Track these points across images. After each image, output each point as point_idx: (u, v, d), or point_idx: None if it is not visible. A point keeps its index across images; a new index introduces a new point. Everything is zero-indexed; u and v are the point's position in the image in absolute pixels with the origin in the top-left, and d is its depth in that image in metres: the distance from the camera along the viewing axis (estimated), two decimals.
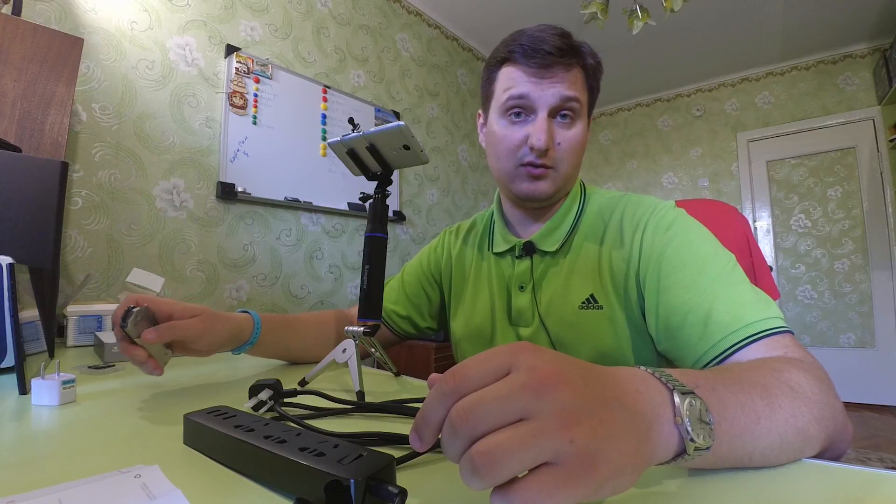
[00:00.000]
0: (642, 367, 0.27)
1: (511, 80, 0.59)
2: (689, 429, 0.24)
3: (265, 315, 0.64)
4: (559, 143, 0.59)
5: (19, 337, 0.51)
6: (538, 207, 0.65)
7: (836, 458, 0.36)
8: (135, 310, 0.46)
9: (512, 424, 0.19)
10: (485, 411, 0.19)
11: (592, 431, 0.20)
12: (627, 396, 0.24)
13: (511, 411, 0.19)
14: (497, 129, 0.62)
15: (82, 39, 1.14)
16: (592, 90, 0.62)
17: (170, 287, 1.53)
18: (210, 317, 0.54)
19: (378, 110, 2.35)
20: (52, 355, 0.71)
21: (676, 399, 0.25)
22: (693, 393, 0.26)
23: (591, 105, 0.64)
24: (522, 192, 0.61)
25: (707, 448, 0.25)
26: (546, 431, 0.19)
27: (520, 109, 0.59)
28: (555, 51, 0.56)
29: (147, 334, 0.47)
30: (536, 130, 0.57)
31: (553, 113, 0.58)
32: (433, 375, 0.24)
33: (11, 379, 0.53)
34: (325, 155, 2.06)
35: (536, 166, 0.59)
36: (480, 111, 0.69)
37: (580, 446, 0.19)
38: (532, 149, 0.58)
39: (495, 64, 0.62)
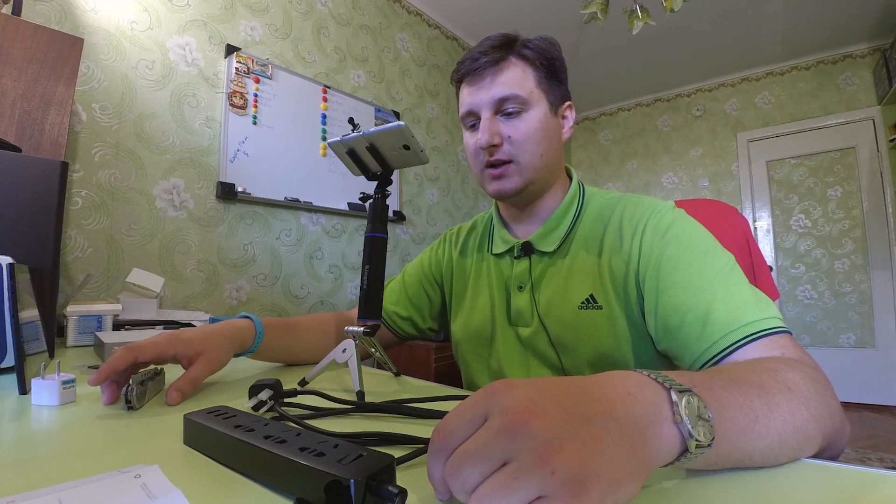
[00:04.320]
0: (638, 370, 0.27)
1: (461, 99, 0.65)
2: (690, 426, 0.24)
3: (266, 320, 0.65)
4: (509, 136, 0.60)
5: (19, 337, 0.51)
6: (522, 203, 0.66)
7: (834, 458, 0.36)
8: (133, 387, 0.44)
9: (498, 470, 0.20)
10: (471, 465, 0.20)
11: (575, 456, 0.20)
12: (617, 404, 0.24)
13: (493, 458, 0.20)
14: (465, 140, 0.66)
15: (82, 39, 1.14)
16: (541, 78, 0.61)
17: (170, 287, 1.53)
18: (214, 347, 0.54)
19: (378, 110, 2.35)
20: (52, 355, 0.71)
21: (674, 397, 0.25)
22: (690, 391, 0.26)
23: (551, 91, 0.62)
24: (491, 192, 0.64)
25: (708, 445, 0.25)
26: (525, 470, 0.19)
27: (472, 120, 0.63)
28: (479, 54, 0.61)
29: (172, 399, 0.46)
30: (480, 131, 0.61)
31: (497, 111, 0.61)
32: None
33: (11, 379, 0.53)
34: (325, 155, 2.06)
35: (494, 165, 0.61)
36: None
37: (564, 475, 0.19)
38: (482, 149, 0.61)
39: (456, 89, 0.68)
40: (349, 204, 2.13)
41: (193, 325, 1.09)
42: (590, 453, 0.20)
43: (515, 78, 0.60)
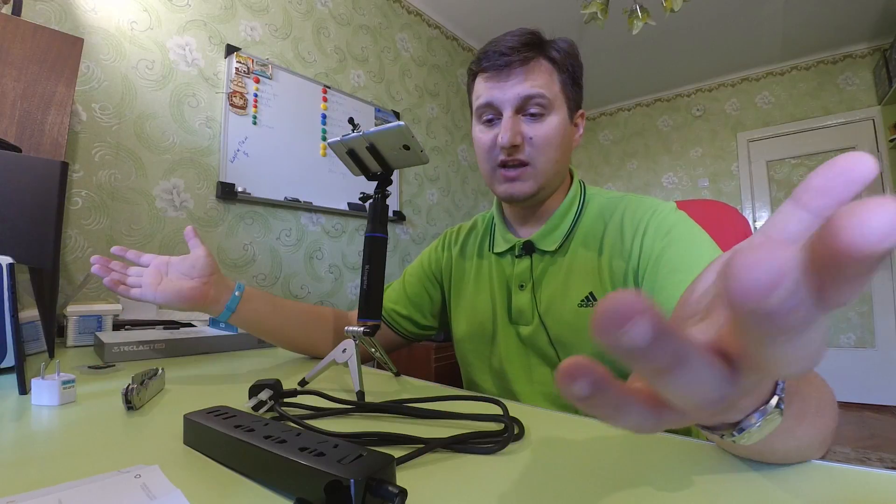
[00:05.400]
0: None
1: (480, 89, 0.62)
2: (749, 430, 0.22)
3: (257, 292, 0.67)
4: (530, 138, 0.59)
5: (19, 337, 0.51)
6: (528, 206, 0.66)
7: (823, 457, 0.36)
8: (133, 387, 0.44)
9: None
10: None
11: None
12: None
13: None
14: (475, 135, 0.64)
15: (82, 39, 1.14)
16: (566, 82, 0.62)
17: None
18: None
19: (378, 110, 2.35)
20: (52, 355, 0.71)
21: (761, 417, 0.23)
22: (780, 412, 0.23)
23: (570, 97, 0.63)
24: (501, 193, 0.62)
25: (740, 441, 0.23)
26: None
27: (490, 114, 0.61)
28: (510, 50, 0.58)
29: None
30: (501, 129, 0.59)
31: (520, 110, 0.59)
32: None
33: (11, 379, 0.53)
34: (325, 155, 2.06)
35: (510, 166, 0.60)
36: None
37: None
38: (501, 147, 0.59)
39: (470, 77, 0.66)
40: (349, 204, 2.14)
41: (194, 326, 1.09)
42: None
43: (543, 79, 0.59)
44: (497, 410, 0.42)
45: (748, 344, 0.13)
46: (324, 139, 2.06)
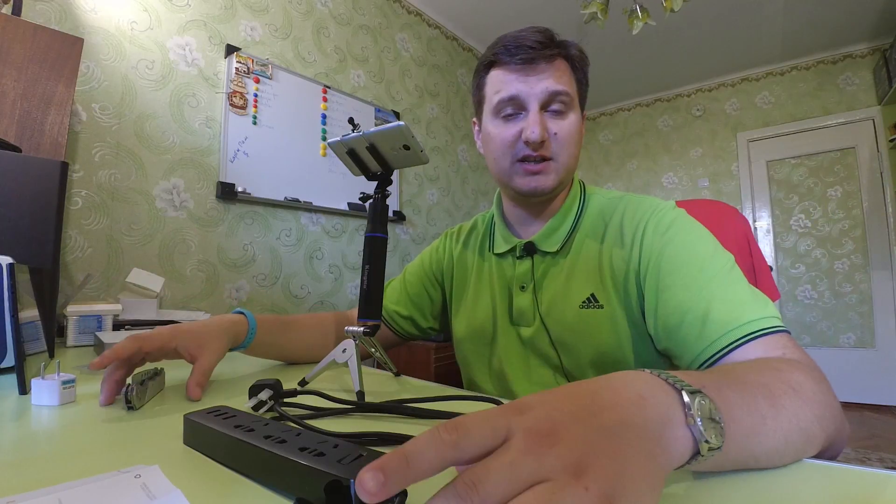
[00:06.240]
0: (646, 370, 0.27)
1: (500, 83, 0.60)
2: (702, 428, 0.24)
3: (261, 316, 0.65)
4: (555, 134, 0.59)
5: (19, 337, 0.51)
6: (538, 204, 0.65)
7: (834, 457, 0.36)
8: (133, 387, 0.43)
9: (531, 488, 0.19)
10: (495, 481, 0.19)
11: (603, 472, 0.19)
12: (631, 409, 0.23)
13: (521, 478, 0.19)
14: (491, 130, 0.62)
15: (82, 39, 1.14)
16: (580, 82, 0.63)
17: (170, 287, 1.53)
18: (215, 339, 0.55)
19: (378, 110, 2.35)
20: (52, 355, 0.71)
21: (686, 398, 0.25)
22: (701, 392, 0.26)
23: (582, 97, 0.64)
24: (523, 188, 0.61)
25: (719, 447, 0.25)
26: (561, 487, 0.18)
27: (512, 108, 0.60)
28: (536, 45, 0.58)
29: (195, 394, 0.48)
30: (530, 124, 0.58)
31: (544, 106, 0.59)
32: None
33: (11, 379, 0.53)
34: (325, 155, 2.06)
35: (535, 160, 0.59)
36: (475, 119, 0.70)
37: (597, 491, 0.18)
38: (528, 142, 0.58)
39: (483, 69, 0.64)
40: (349, 204, 2.13)
41: None
42: (614, 470, 0.20)
43: (566, 77, 0.60)
44: None
45: None
46: (324, 139, 2.06)
